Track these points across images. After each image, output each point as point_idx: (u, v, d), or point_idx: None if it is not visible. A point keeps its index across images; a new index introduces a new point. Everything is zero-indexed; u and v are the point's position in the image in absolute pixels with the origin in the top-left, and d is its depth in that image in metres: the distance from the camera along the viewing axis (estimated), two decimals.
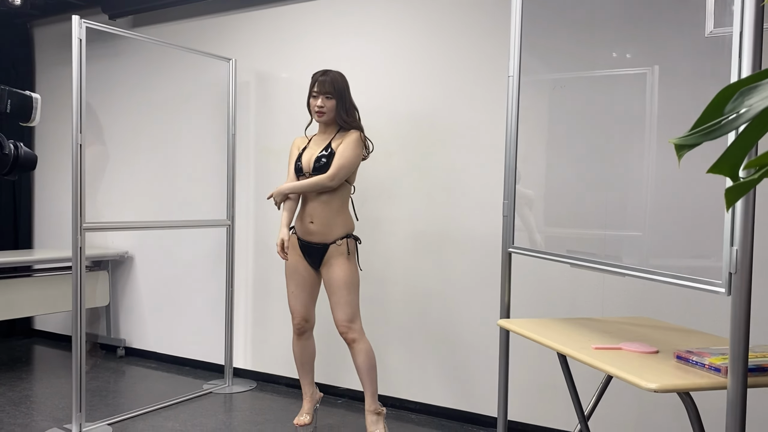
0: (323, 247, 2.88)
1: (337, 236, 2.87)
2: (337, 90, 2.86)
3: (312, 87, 2.89)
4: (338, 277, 2.85)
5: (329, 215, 2.87)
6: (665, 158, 1.78)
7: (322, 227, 2.86)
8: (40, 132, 4.88)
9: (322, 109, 2.86)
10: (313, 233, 2.88)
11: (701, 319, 2.65)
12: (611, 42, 2.05)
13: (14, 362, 4.23)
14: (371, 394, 2.89)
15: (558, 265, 2.95)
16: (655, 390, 1.37)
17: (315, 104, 2.87)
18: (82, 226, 2.97)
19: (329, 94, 2.86)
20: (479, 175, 3.17)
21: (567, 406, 2.96)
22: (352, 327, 2.87)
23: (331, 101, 2.86)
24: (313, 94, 2.88)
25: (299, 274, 2.95)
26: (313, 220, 2.87)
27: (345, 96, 2.90)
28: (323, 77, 2.87)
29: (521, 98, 2.24)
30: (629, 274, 1.70)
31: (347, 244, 2.87)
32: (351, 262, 2.88)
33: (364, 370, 2.88)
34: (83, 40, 2.96)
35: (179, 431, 3.05)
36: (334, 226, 2.87)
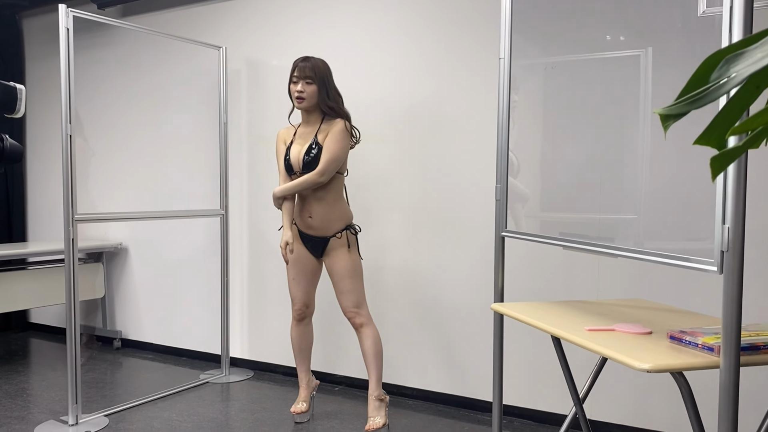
0: (324, 240, 2.90)
1: (337, 229, 2.88)
2: (318, 75, 2.81)
3: (292, 72, 2.85)
4: (340, 268, 2.87)
5: (326, 210, 2.87)
6: (659, 141, 1.76)
7: (321, 222, 2.87)
8: (31, 124, 4.85)
9: (302, 94, 2.81)
10: (312, 227, 2.90)
11: (695, 300, 2.65)
12: (604, 24, 2.03)
13: (10, 355, 4.23)
14: (376, 380, 2.89)
15: (553, 250, 2.95)
16: (648, 370, 1.36)
17: (295, 89, 2.83)
18: (73, 218, 2.95)
19: (309, 78, 2.81)
20: (472, 160, 3.16)
21: (562, 390, 2.96)
22: (360, 312, 2.89)
23: (312, 86, 2.81)
24: (293, 80, 2.84)
25: (300, 261, 2.95)
26: (312, 215, 2.88)
27: (327, 81, 2.85)
28: (303, 63, 2.83)
29: (513, 81, 2.22)
30: (622, 255, 1.70)
31: (347, 236, 2.88)
32: (352, 253, 2.90)
33: (371, 354, 2.88)
34: (71, 30, 2.92)
35: (176, 421, 3.04)
36: (332, 220, 2.88)
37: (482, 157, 3.13)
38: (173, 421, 3.04)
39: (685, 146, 1.66)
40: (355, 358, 3.52)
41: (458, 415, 3.14)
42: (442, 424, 3.02)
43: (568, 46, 2.12)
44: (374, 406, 2.90)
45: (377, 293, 3.44)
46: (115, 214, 3.35)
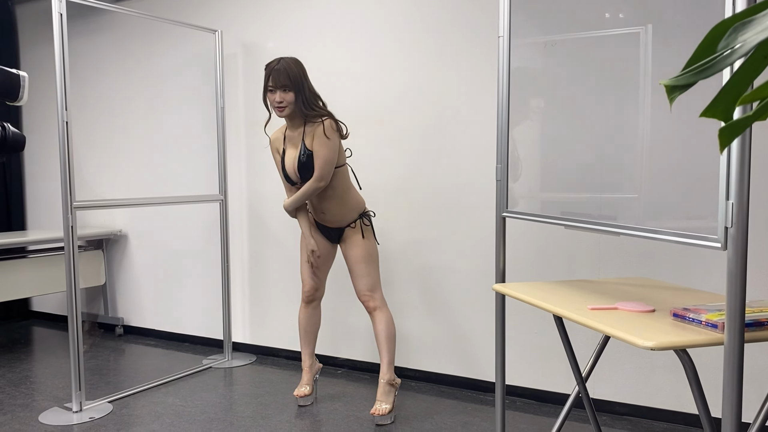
0: (339, 229, 2.95)
1: (351, 220, 2.92)
2: (293, 80, 2.71)
3: (267, 80, 2.74)
4: (355, 254, 2.90)
5: (338, 204, 2.89)
6: (660, 119, 1.74)
7: (335, 216, 2.91)
8: (28, 111, 4.82)
9: (281, 104, 2.73)
10: (328, 221, 2.95)
11: (697, 278, 2.64)
12: (603, 1, 2.00)
13: (13, 344, 4.23)
14: (387, 364, 2.88)
15: (554, 230, 2.94)
16: (652, 348, 1.35)
17: (273, 99, 2.74)
18: (72, 205, 2.94)
19: (286, 86, 2.71)
20: (472, 140, 3.14)
21: (564, 369, 2.97)
22: (374, 296, 2.91)
23: (289, 93, 2.73)
24: (270, 88, 2.74)
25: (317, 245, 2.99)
26: (325, 212, 2.92)
27: (303, 85, 2.74)
28: (278, 66, 2.72)
29: (512, 60, 2.20)
30: (624, 233, 1.68)
31: (360, 225, 2.91)
32: (367, 239, 2.92)
33: (383, 338, 2.88)
34: (64, 15, 2.89)
35: (180, 406, 3.05)
36: (345, 213, 2.91)
37: (481, 136, 3.11)
38: (177, 406, 3.05)
39: (686, 124, 1.64)
40: (359, 340, 3.53)
41: (461, 396, 3.15)
42: (446, 405, 3.03)
43: (568, 24, 2.10)
44: (383, 390, 2.88)
45: (382, 276, 3.43)
46: (113, 201, 3.34)
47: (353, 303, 3.52)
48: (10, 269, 3.91)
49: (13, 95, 1.36)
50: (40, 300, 4.90)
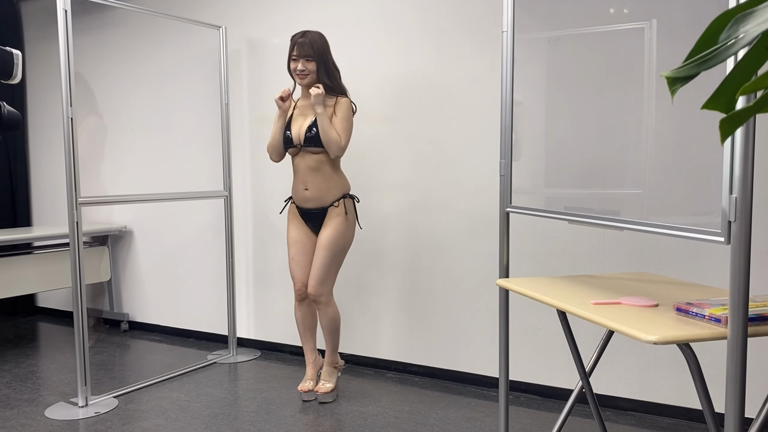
0: (322, 211, 2.93)
1: (334, 198, 2.92)
2: (317, 51, 2.86)
3: (291, 50, 2.89)
4: (324, 238, 2.92)
5: (322, 180, 2.90)
6: (664, 115, 1.74)
7: (317, 192, 2.91)
8: (33, 108, 4.83)
9: (303, 72, 2.88)
10: (309, 199, 2.93)
11: (700, 273, 2.64)
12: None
13: (19, 339, 4.26)
14: (332, 350, 3.10)
15: (558, 226, 2.94)
16: (655, 342, 1.36)
17: (296, 67, 2.88)
18: (77, 201, 2.95)
19: (309, 56, 2.86)
20: (474, 135, 3.14)
21: (567, 364, 2.97)
22: (321, 289, 2.96)
23: (312, 63, 2.87)
24: (293, 57, 2.89)
25: (300, 240, 2.99)
26: (308, 187, 2.92)
27: (326, 57, 2.90)
28: (302, 39, 2.87)
29: (516, 55, 2.19)
30: (628, 227, 1.68)
31: (344, 204, 2.93)
32: (345, 224, 2.93)
33: (327, 331, 3.05)
34: (68, 11, 2.90)
35: (185, 401, 3.07)
36: (328, 190, 2.92)
37: (484, 131, 3.11)
38: (182, 401, 3.06)
39: (690, 118, 1.64)
40: (361, 336, 3.53)
41: (465, 392, 3.16)
42: (449, 401, 3.04)
43: (572, 19, 2.09)
44: (327, 371, 3.12)
45: (381, 271, 3.44)
46: (118, 197, 3.35)
47: (353, 300, 3.53)
48: (15, 265, 3.93)
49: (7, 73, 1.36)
50: (46, 296, 4.93)
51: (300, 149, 2.91)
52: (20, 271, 3.95)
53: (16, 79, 1.40)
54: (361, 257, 3.50)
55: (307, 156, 2.91)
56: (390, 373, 3.45)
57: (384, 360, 3.49)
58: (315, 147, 2.87)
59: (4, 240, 3.83)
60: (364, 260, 3.50)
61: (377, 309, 3.49)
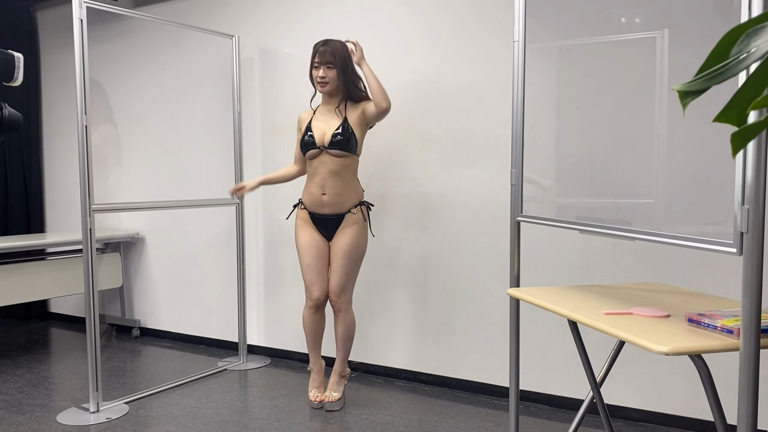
0: (338, 218, 2.94)
1: (351, 205, 2.94)
2: (339, 59, 2.88)
3: (313, 57, 2.91)
4: (343, 245, 2.93)
5: (341, 186, 2.90)
6: (675, 124, 1.74)
7: (336, 197, 2.91)
8: (47, 116, 4.89)
9: (324, 79, 2.89)
10: (326, 205, 2.92)
11: (711, 283, 2.63)
12: (619, 6, 2.00)
13: (31, 344, 4.29)
14: (342, 359, 3.09)
15: (569, 235, 2.93)
16: (667, 353, 1.35)
17: (317, 75, 2.90)
18: (91, 208, 2.98)
19: (330, 63, 2.88)
20: (486, 144, 3.14)
21: (577, 374, 2.96)
22: (342, 297, 2.98)
23: (333, 71, 2.89)
24: (315, 65, 2.91)
25: (314, 246, 2.98)
26: (326, 192, 2.91)
27: (347, 65, 2.91)
28: (324, 47, 2.89)
29: (527, 64, 2.20)
30: (640, 238, 1.68)
31: (362, 211, 2.96)
32: (362, 232, 2.96)
33: (342, 339, 3.05)
34: (84, 21, 2.94)
35: (196, 408, 3.08)
36: (347, 196, 2.93)
37: (496, 140, 3.11)
38: (193, 408, 3.07)
39: (701, 129, 1.64)
40: (372, 344, 3.54)
41: (474, 401, 3.15)
42: (459, 410, 3.03)
43: (583, 28, 2.10)
44: (335, 380, 3.10)
45: (392, 279, 3.45)
46: (131, 204, 3.39)
47: (368, 309, 3.53)
48: (29, 271, 3.97)
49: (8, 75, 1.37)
50: (58, 301, 4.97)
51: (321, 152, 2.90)
52: (34, 277, 3.99)
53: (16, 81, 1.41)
54: (372, 265, 3.51)
55: (328, 160, 2.90)
56: (400, 381, 3.45)
57: (394, 368, 3.49)
58: (340, 150, 2.87)
59: (18, 246, 3.87)
60: (375, 268, 3.50)
61: (388, 317, 3.49)
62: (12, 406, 3.11)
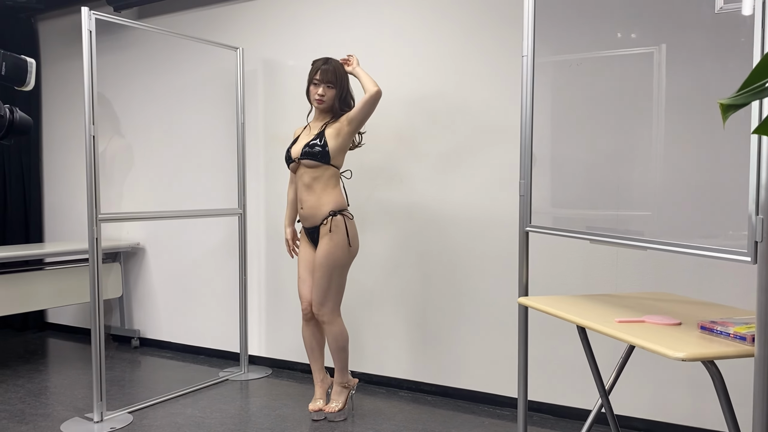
0: (315, 230, 2.97)
1: (323, 216, 2.94)
2: (339, 80, 2.93)
3: (314, 75, 2.94)
4: (318, 257, 2.94)
5: (313, 198, 2.95)
6: (689, 136, 1.79)
7: (310, 210, 2.96)
8: (48, 126, 4.89)
9: (322, 97, 2.93)
10: (305, 218, 3.00)
11: (716, 292, 2.67)
12: (619, 21, 2.06)
13: (30, 354, 4.27)
14: (340, 369, 3.07)
15: (570, 246, 2.97)
16: (683, 359, 1.39)
17: (316, 92, 2.94)
18: (97, 217, 2.99)
19: (331, 83, 2.92)
20: (491, 156, 3.19)
21: (582, 385, 2.99)
22: (322, 309, 2.97)
23: (332, 90, 2.93)
24: (315, 82, 2.94)
25: (306, 259, 3.05)
26: (303, 206, 2.99)
27: (344, 86, 2.97)
28: (326, 66, 2.92)
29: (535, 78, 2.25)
30: (653, 247, 1.72)
31: (331, 222, 2.92)
32: (336, 243, 2.92)
33: (333, 350, 3.03)
34: (93, 32, 2.96)
35: (200, 417, 3.08)
36: (318, 207, 2.95)
37: (500, 152, 3.16)
38: (197, 418, 3.07)
39: (714, 141, 1.69)
40: (373, 354, 3.55)
41: (478, 411, 3.17)
42: (462, 420, 3.05)
43: (585, 43, 2.15)
44: (337, 390, 3.11)
45: (393, 289, 3.47)
46: (137, 214, 3.40)
47: (361, 318, 3.55)
48: (27, 281, 3.96)
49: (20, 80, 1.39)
50: (56, 312, 4.94)
51: (298, 164, 2.97)
52: (32, 287, 3.98)
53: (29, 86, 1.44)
54: (373, 275, 3.53)
55: (304, 172, 2.95)
56: (402, 391, 3.47)
57: (396, 378, 3.51)
58: (309, 160, 2.91)
59: (16, 256, 3.86)
60: (376, 278, 3.53)
61: (390, 327, 3.52)
62: (15, 416, 3.10)
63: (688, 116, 1.81)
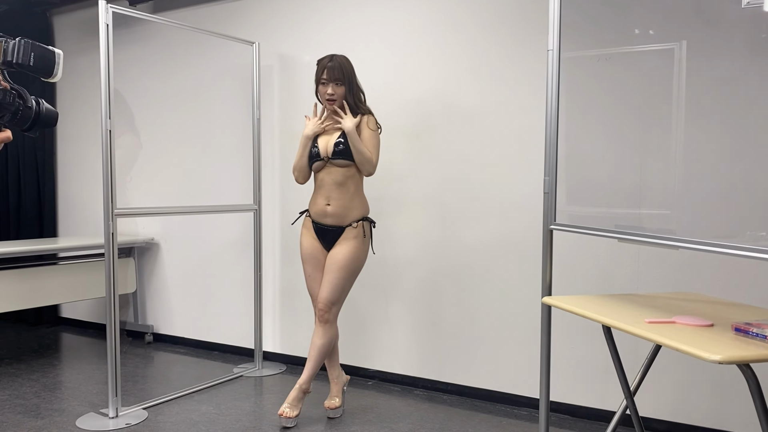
0: (338, 230, 2.90)
1: (353, 219, 2.90)
2: (346, 75, 2.88)
3: (321, 74, 2.89)
4: (340, 258, 2.88)
5: (346, 197, 2.88)
6: (724, 136, 1.75)
7: (339, 209, 2.88)
8: (62, 120, 4.89)
9: (332, 96, 2.88)
10: (329, 215, 2.90)
11: (740, 293, 2.62)
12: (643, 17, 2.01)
13: (44, 349, 4.27)
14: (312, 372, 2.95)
15: (591, 244, 2.93)
16: (720, 362, 1.35)
17: (325, 92, 2.88)
18: (113, 212, 2.98)
19: (339, 80, 2.87)
20: (505, 153, 3.15)
21: (601, 385, 2.95)
22: (332, 309, 2.92)
23: (342, 88, 2.87)
24: (323, 81, 2.89)
25: (314, 257, 2.97)
26: (330, 203, 2.89)
27: (353, 81, 2.91)
28: (331, 63, 2.87)
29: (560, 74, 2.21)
30: (684, 246, 1.68)
31: (363, 226, 2.90)
32: (361, 247, 2.90)
33: (318, 351, 2.93)
34: (110, 25, 2.94)
35: (214, 414, 3.06)
36: (350, 208, 2.90)
37: (518, 150, 3.12)
38: (211, 414, 3.06)
39: (747, 141, 1.65)
40: (388, 352, 3.53)
41: (495, 410, 3.14)
42: (479, 419, 3.02)
43: (608, 40, 2.11)
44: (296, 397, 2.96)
45: (409, 287, 3.44)
46: (152, 209, 3.39)
47: (377, 313, 3.53)
48: (41, 275, 3.96)
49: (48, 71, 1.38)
50: (69, 306, 4.94)
51: (326, 163, 2.89)
52: (46, 282, 3.97)
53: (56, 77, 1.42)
54: (390, 273, 3.50)
55: (333, 170, 2.89)
56: (418, 390, 3.44)
57: (411, 377, 3.48)
58: (343, 160, 2.86)
59: (30, 250, 3.86)
60: (392, 276, 3.50)
61: (406, 325, 3.49)
62: (30, 411, 3.10)
63: (713, 113, 1.77)
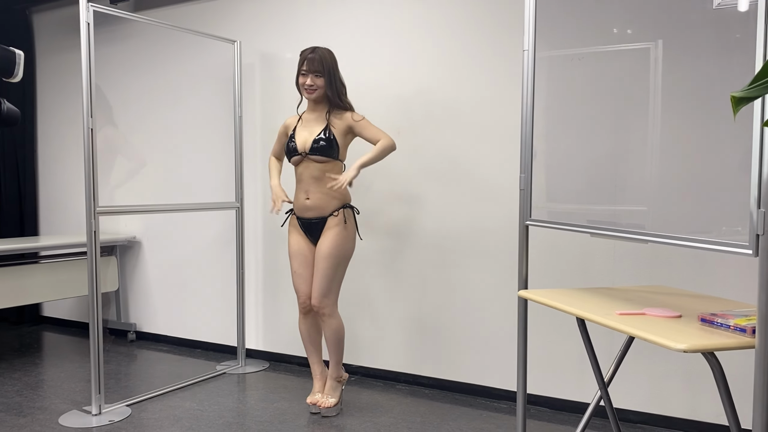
0: (321, 221, 2.96)
1: (334, 208, 2.95)
2: (326, 67, 2.92)
3: (301, 65, 2.94)
4: (325, 248, 2.93)
5: (324, 190, 2.94)
6: (689, 130, 1.80)
7: (319, 201, 2.94)
8: (42, 118, 4.87)
9: (312, 87, 2.92)
10: (309, 209, 2.97)
11: (712, 287, 2.70)
12: (616, 17, 2.06)
13: (26, 348, 4.26)
14: (335, 363, 3.07)
15: (567, 239, 2.99)
16: (685, 350, 1.41)
17: (305, 82, 2.93)
18: (95, 210, 2.98)
19: (318, 72, 2.91)
20: (486, 148, 3.20)
21: (577, 377, 3.01)
22: (324, 301, 2.97)
23: (321, 79, 2.92)
24: (302, 72, 2.94)
25: (301, 253, 3.01)
26: (309, 196, 2.96)
27: (334, 73, 2.95)
28: (312, 54, 2.92)
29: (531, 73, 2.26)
30: (654, 240, 1.74)
31: (343, 214, 2.95)
32: (344, 234, 2.95)
33: (332, 343, 3.03)
34: (91, 24, 2.95)
35: (198, 410, 3.09)
36: (329, 199, 2.95)
37: (499, 147, 3.17)
38: (195, 410, 3.08)
39: (705, 135, 1.70)
40: (370, 347, 3.57)
41: (474, 404, 3.19)
42: (460, 412, 3.07)
43: (583, 39, 2.16)
44: (331, 385, 3.09)
45: (390, 283, 3.49)
46: (135, 207, 3.40)
47: (361, 311, 3.56)
48: (23, 274, 3.94)
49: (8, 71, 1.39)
50: (51, 305, 4.93)
51: (304, 158, 2.95)
52: (28, 280, 3.96)
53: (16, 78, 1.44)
54: (371, 268, 3.54)
55: (311, 165, 2.94)
56: (400, 384, 3.48)
57: (393, 372, 3.52)
58: (320, 156, 2.91)
59: (11, 249, 3.85)
60: (373, 271, 3.54)
61: (386, 320, 3.53)
62: (12, 409, 3.10)
63: (688, 111, 1.82)
